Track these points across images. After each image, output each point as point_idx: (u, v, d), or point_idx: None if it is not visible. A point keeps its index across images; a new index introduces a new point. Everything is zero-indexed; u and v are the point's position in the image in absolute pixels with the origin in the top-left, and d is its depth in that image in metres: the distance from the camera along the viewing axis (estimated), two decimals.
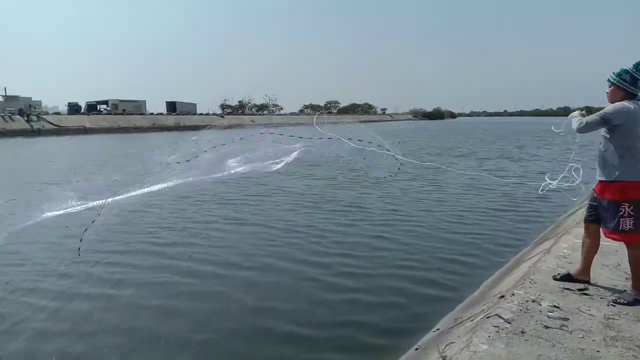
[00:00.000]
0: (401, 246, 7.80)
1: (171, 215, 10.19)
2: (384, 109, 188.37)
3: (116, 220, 8.34)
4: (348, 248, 7.63)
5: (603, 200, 3.84)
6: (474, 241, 8.07)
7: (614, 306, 3.73)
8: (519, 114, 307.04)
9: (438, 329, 4.37)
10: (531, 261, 5.38)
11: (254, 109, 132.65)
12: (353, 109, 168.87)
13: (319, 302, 5.50)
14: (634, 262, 3.81)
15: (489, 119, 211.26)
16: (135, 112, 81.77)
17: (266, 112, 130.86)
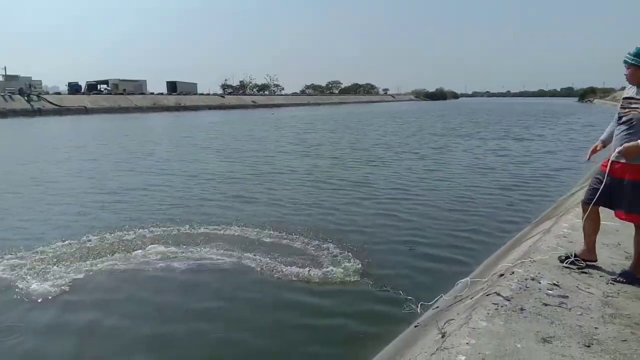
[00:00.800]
0: (405, 224, 7.91)
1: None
2: (385, 90, 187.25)
3: None
4: (348, 224, 7.85)
5: (623, 181, 3.71)
6: (476, 220, 8.13)
7: (613, 284, 3.74)
8: (522, 94, 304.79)
9: (438, 307, 4.41)
10: (531, 240, 5.39)
11: (255, 89, 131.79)
12: (355, 89, 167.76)
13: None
14: None
15: (492, 100, 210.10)
16: (136, 91, 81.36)
17: (267, 92, 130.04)
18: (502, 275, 4.05)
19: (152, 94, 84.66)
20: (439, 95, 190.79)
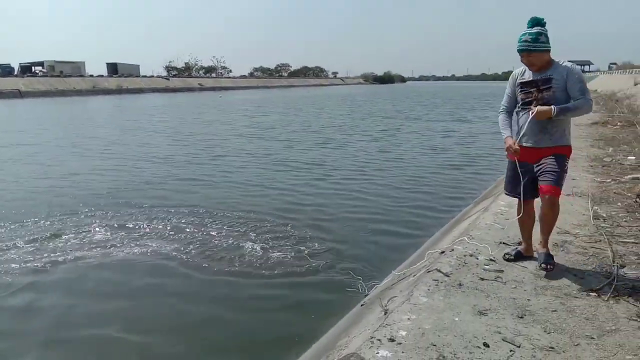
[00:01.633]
0: (359, 202, 8.11)
1: None
2: (335, 73, 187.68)
3: None
4: (303, 205, 8.00)
5: (548, 158, 3.58)
6: (422, 200, 8.37)
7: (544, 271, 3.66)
8: (466, 78, 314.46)
9: (383, 286, 4.51)
10: (471, 219, 5.61)
11: (201, 72, 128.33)
12: (304, 72, 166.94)
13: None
14: (553, 218, 3.64)
15: (438, 83, 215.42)
16: (74, 74, 77.15)
17: (214, 74, 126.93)
18: (443, 252, 4.20)
19: (91, 76, 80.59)
20: (387, 79, 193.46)
